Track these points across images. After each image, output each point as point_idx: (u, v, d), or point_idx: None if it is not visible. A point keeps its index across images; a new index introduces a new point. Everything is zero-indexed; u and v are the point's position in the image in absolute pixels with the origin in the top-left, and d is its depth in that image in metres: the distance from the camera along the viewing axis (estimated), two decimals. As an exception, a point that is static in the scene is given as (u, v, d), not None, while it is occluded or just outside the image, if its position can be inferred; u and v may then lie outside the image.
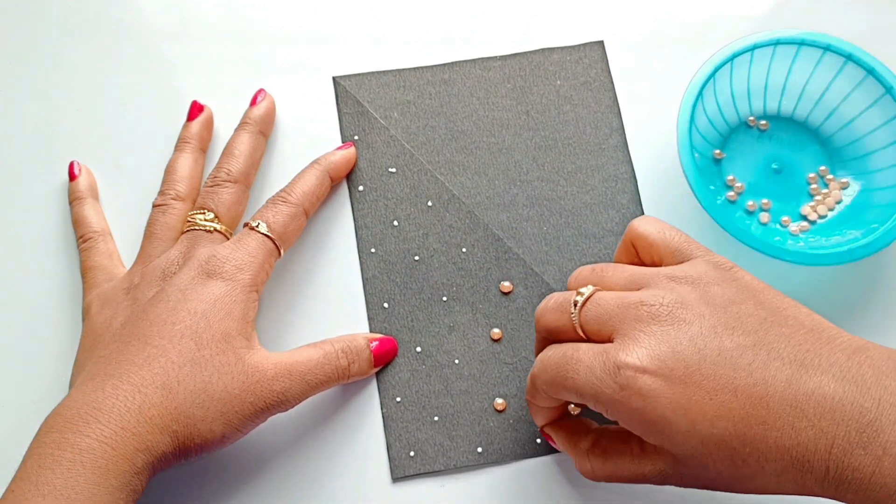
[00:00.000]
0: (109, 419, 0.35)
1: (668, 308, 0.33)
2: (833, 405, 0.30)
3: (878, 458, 0.29)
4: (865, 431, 0.30)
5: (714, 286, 0.34)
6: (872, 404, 0.30)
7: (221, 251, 0.40)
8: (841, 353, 0.32)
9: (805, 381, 0.31)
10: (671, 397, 0.32)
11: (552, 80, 0.50)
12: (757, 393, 0.31)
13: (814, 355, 0.32)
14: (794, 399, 0.31)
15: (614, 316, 0.34)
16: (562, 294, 0.37)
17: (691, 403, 0.31)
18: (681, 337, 0.32)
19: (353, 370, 0.42)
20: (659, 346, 0.32)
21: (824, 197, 0.47)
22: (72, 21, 0.51)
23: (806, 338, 0.32)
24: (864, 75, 0.45)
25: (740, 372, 0.31)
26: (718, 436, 0.31)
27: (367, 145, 0.48)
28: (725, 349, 0.32)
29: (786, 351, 0.32)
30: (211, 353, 0.38)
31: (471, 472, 0.43)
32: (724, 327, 0.33)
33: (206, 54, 0.50)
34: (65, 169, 0.47)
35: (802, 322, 0.33)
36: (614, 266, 0.37)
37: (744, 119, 0.48)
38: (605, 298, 0.35)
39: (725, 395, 0.31)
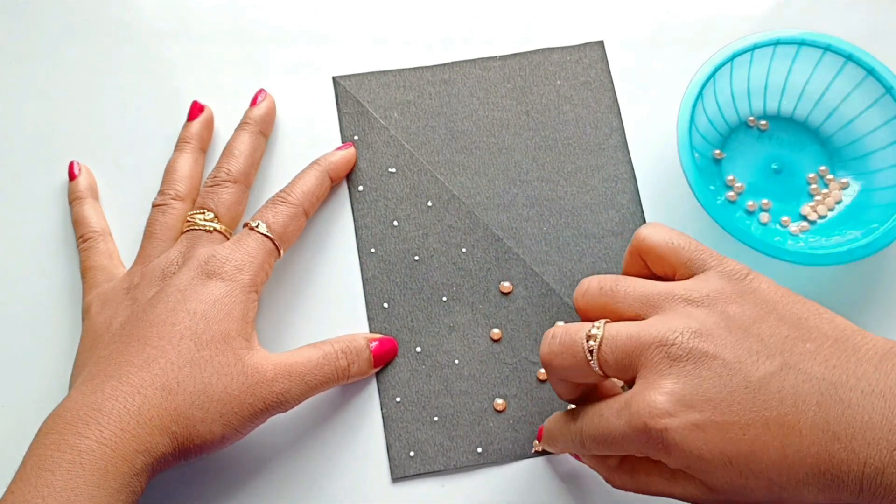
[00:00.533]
0: (109, 421, 0.35)
1: (688, 345, 0.32)
2: (863, 425, 0.30)
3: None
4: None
5: (732, 305, 0.33)
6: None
7: (221, 251, 0.40)
8: (868, 364, 0.31)
9: (835, 402, 0.30)
10: (705, 439, 0.31)
11: (552, 80, 0.50)
12: (789, 422, 0.30)
13: (841, 371, 0.31)
14: (825, 423, 0.30)
15: (634, 359, 0.33)
16: (566, 331, 0.35)
17: (725, 442, 0.31)
18: (705, 375, 0.31)
19: (353, 370, 0.42)
20: (683, 389, 0.31)
21: (824, 197, 0.47)
22: (72, 21, 0.51)
23: (832, 352, 0.31)
24: (864, 75, 0.45)
25: (770, 402, 0.31)
26: (756, 469, 0.31)
27: (367, 145, 0.48)
28: (752, 381, 0.31)
29: (813, 370, 0.31)
30: (210, 354, 0.38)
31: (471, 472, 0.43)
32: (749, 354, 0.32)
33: (206, 54, 0.50)
34: (65, 169, 0.47)
35: (826, 333, 0.32)
36: (624, 282, 0.36)
37: (744, 119, 0.48)
38: (620, 337, 0.33)
39: (758, 428, 0.31)
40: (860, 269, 0.46)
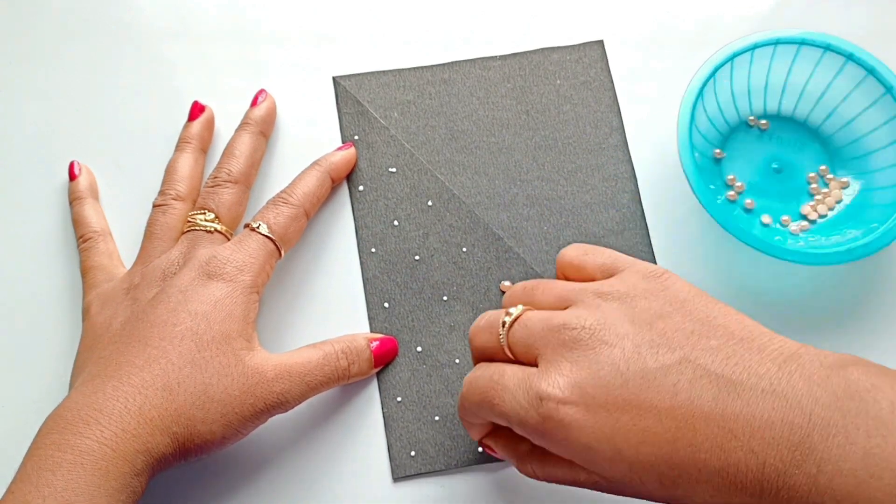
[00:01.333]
0: (110, 421, 0.35)
1: (590, 331, 0.32)
2: (762, 424, 0.29)
3: (812, 477, 0.28)
4: (798, 449, 0.29)
5: (641, 300, 0.33)
6: (803, 420, 0.29)
7: (222, 252, 0.40)
8: (771, 364, 0.30)
9: (733, 399, 0.30)
10: (594, 426, 0.31)
11: (552, 80, 0.50)
12: (682, 414, 0.30)
13: (742, 369, 0.30)
14: (721, 419, 0.30)
15: (539, 339, 0.33)
16: (493, 313, 0.36)
17: (615, 431, 0.31)
18: (602, 361, 0.32)
19: (354, 371, 0.42)
20: (580, 374, 0.32)
21: (824, 196, 0.47)
22: (72, 21, 0.51)
23: (735, 349, 0.31)
24: (865, 75, 0.45)
25: (664, 393, 0.30)
26: (645, 461, 0.31)
27: (367, 145, 0.48)
28: (649, 370, 0.31)
29: (713, 366, 0.31)
30: (211, 355, 0.38)
31: (472, 471, 0.43)
32: (649, 346, 0.32)
33: (206, 54, 0.50)
34: (65, 169, 0.47)
35: (733, 332, 0.32)
36: (546, 282, 0.37)
37: (744, 118, 0.48)
38: (532, 320, 0.34)
39: (650, 419, 0.30)
40: (860, 268, 0.46)
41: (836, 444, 0.28)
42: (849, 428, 0.28)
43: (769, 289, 0.46)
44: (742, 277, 0.46)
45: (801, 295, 0.46)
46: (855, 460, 0.28)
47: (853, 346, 0.44)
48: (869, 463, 0.28)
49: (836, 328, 0.45)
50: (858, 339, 0.45)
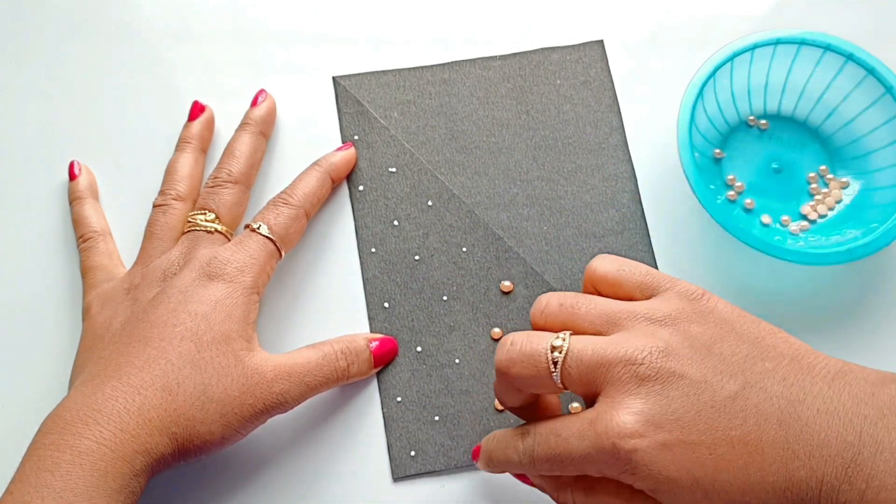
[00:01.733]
0: (109, 421, 0.35)
1: (656, 364, 0.32)
2: (820, 442, 0.30)
3: (861, 492, 0.30)
4: (850, 466, 0.30)
5: (693, 325, 0.33)
6: (855, 437, 0.30)
7: (223, 253, 0.40)
8: (822, 382, 0.32)
9: (794, 420, 0.31)
10: (672, 459, 0.31)
11: (552, 80, 0.50)
12: (752, 440, 0.31)
13: (798, 389, 0.31)
14: (785, 441, 0.31)
15: (599, 376, 0.32)
16: (527, 341, 0.34)
17: (693, 462, 0.31)
18: (672, 395, 0.31)
19: (353, 371, 0.42)
20: (651, 409, 0.31)
21: (824, 196, 0.47)
22: (72, 21, 0.51)
23: (789, 370, 0.32)
24: (865, 75, 0.45)
25: (735, 421, 0.31)
26: (721, 488, 0.31)
27: (367, 145, 0.48)
28: (718, 400, 0.31)
29: (773, 388, 0.32)
30: (211, 356, 0.38)
31: (471, 471, 0.42)
32: (714, 373, 0.32)
33: (206, 54, 0.50)
34: (65, 169, 0.47)
35: (783, 352, 0.33)
36: (586, 299, 0.35)
37: (744, 118, 0.48)
38: (585, 354, 0.33)
39: (724, 447, 0.31)
40: (860, 268, 0.46)
41: (882, 460, 0.30)
42: (894, 444, 0.30)
43: (769, 288, 0.46)
44: (742, 277, 0.46)
45: (800, 295, 0.46)
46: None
47: (853, 345, 0.44)
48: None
49: (835, 328, 0.45)
50: (858, 339, 0.45)
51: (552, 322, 0.35)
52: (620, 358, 0.32)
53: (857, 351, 0.44)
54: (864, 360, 0.34)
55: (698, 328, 0.33)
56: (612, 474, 0.32)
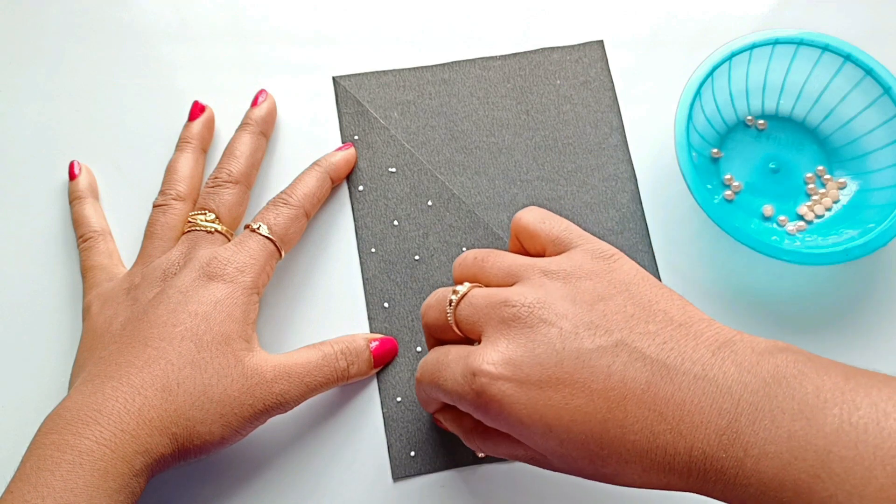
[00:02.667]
0: (109, 421, 0.35)
1: (529, 309, 0.33)
2: (692, 408, 0.30)
3: (739, 460, 0.29)
4: (725, 433, 0.29)
5: (585, 281, 0.34)
6: (732, 405, 0.30)
7: (223, 253, 0.40)
8: (706, 350, 0.31)
9: (665, 383, 0.31)
10: (526, 402, 0.31)
11: (552, 80, 0.50)
12: (614, 396, 0.31)
13: (677, 353, 0.31)
14: (652, 402, 0.30)
15: (483, 316, 0.34)
16: (443, 290, 0.37)
17: (547, 408, 0.31)
18: (539, 340, 0.32)
19: (353, 371, 0.42)
20: (515, 350, 0.32)
21: (821, 197, 0.47)
22: (72, 21, 0.51)
23: (672, 334, 0.32)
24: (863, 75, 0.45)
25: (598, 374, 0.31)
26: (576, 439, 0.31)
27: (367, 145, 0.48)
28: (584, 351, 0.32)
29: (649, 349, 0.31)
30: (211, 356, 0.38)
31: (471, 472, 0.43)
32: (587, 327, 0.32)
33: (206, 54, 0.50)
34: (65, 169, 0.47)
35: (672, 317, 0.33)
36: (496, 254, 0.37)
37: (742, 118, 0.48)
38: (476, 297, 0.35)
39: (582, 398, 0.31)
40: (857, 268, 0.46)
41: (762, 428, 0.29)
42: (775, 412, 0.29)
43: (767, 288, 0.46)
44: (740, 277, 0.46)
45: (798, 294, 0.46)
46: (780, 443, 0.28)
47: (849, 345, 0.45)
48: (793, 445, 0.28)
49: (832, 328, 0.45)
50: (855, 339, 0.45)
51: (464, 273, 0.37)
52: (501, 301, 0.34)
53: (853, 351, 0.44)
54: (861, 361, 0.34)
55: (588, 283, 0.34)
56: (470, 410, 0.33)
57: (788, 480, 0.28)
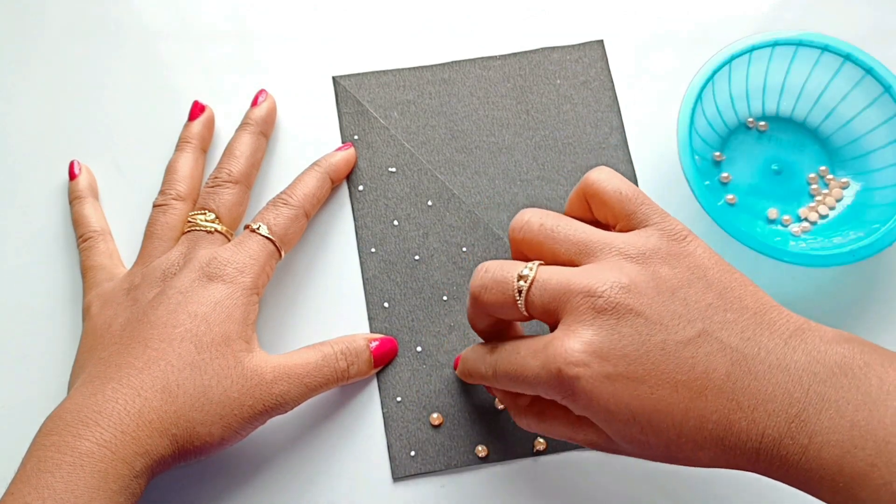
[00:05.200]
0: (109, 423, 0.35)
1: (614, 299, 0.32)
2: (766, 396, 0.31)
3: (804, 447, 0.30)
4: (794, 421, 0.31)
5: (665, 266, 0.33)
6: (802, 394, 0.31)
7: (222, 254, 0.40)
8: (779, 339, 0.32)
9: (744, 373, 0.31)
10: (613, 392, 0.32)
11: (552, 80, 0.50)
12: (697, 386, 0.31)
13: (754, 343, 0.32)
14: (731, 392, 0.31)
15: (562, 303, 0.33)
16: (500, 268, 0.35)
17: (632, 398, 0.32)
18: (625, 331, 0.32)
19: (353, 372, 0.42)
20: (602, 341, 0.32)
21: (825, 197, 0.47)
22: (72, 21, 0.51)
23: (748, 324, 0.33)
24: (863, 75, 0.45)
25: (682, 366, 0.32)
26: (657, 427, 0.32)
27: (367, 145, 0.48)
28: (669, 344, 0.32)
29: (729, 340, 0.32)
30: (210, 357, 0.38)
31: (471, 472, 0.43)
32: (672, 317, 0.32)
33: (206, 54, 0.50)
34: (65, 169, 0.47)
35: (747, 305, 0.33)
36: (566, 223, 0.35)
37: (743, 120, 0.48)
38: (551, 282, 0.33)
39: (666, 389, 0.32)
40: (862, 269, 0.46)
41: (827, 417, 0.30)
42: (840, 402, 0.30)
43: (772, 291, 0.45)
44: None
45: (804, 296, 0.46)
46: (842, 432, 0.30)
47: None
48: (854, 434, 0.30)
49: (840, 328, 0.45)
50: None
51: (529, 240, 0.36)
52: (582, 288, 0.33)
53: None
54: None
55: (668, 270, 0.33)
56: (556, 398, 0.33)
57: (847, 467, 0.30)
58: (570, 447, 0.43)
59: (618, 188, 0.36)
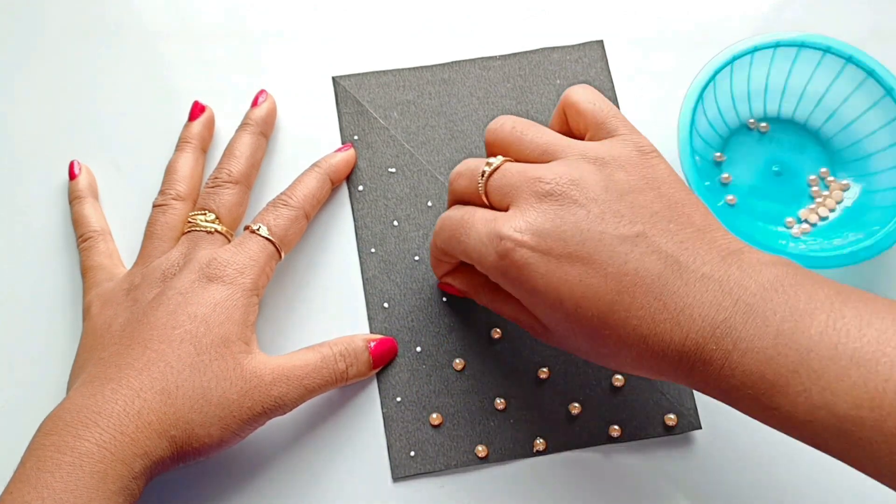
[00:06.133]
0: (108, 424, 0.35)
1: (562, 187, 0.34)
2: (693, 302, 0.32)
3: (727, 353, 0.31)
4: (719, 328, 0.31)
5: (620, 171, 0.35)
6: (730, 303, 0.32)
7: (222, 255, 0.40)
8: (716, 255, 0.33)
9: (675, 278, 0.32)
10: (545, 272, 0.33)
11: (552, 80, 0.50)
12: (627, 282, 0.33)
13: (690, 253, 0.33)
14: (660, 292, 0.32)
15: (514, 187, 0.35)
16: (474, 161, 0.38)
17: (561, 282, 0.33)
18: (566, 217, 0.34)
19: (352, 373, 0.42)
20: (542, 222, 0.34)
21: (825, 199, 0.47)
22: (72, 21, 0.51)
23: (690, 236, 0.34)
24: (865, 77, 0.45)
25: (616, 259, 0.33)
26: (582, 315, 0.33)
27: (367, 145, 0.48)
28: (607, 235, 0.33)
29: (666, 246, 0.33)
30: (210, 358, 0.38)
31: (471, 472, 0.43)
32: (614, 215, 0.34)
33: (206, 54, 0.50)
34: (65, 169, 0.47)
35: (693, 221, 0.34)
36: (536, 128, 0.38)
37: (744, 121, 0.48)
38: (510, 170, 0.36)
39: (596, 278, 0.33)
40: (862, 271, 0.46)
41: (753, 326, 0.31)
42: (767, 313, 0.31)
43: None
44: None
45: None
46: (766, 339, 0.31)
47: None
48: (778, 342, 0.31)
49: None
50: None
51: (500, 140, 0.38)
52: (535, 176, 0.35)
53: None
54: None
55: (623, 175, 0.35)
56: (489, 271, 0.36)
57: (769, 373, 0.30)
58: (570, 447, 0.43)
59: (592, 99, 0.38)
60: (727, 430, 0.43)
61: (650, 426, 0.43)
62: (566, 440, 0.43)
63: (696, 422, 0.43)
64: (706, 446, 0.43)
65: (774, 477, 0.42)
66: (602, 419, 0.43)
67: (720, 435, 0.43)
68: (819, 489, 0.42)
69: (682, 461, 0.43)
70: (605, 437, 0.43)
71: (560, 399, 0.43)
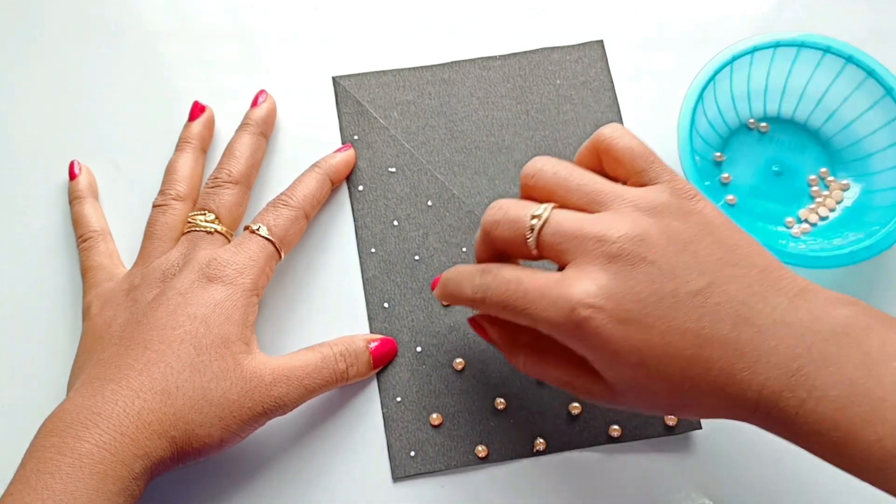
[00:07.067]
0: (108, 424, 0.35)
1: (628, 247, 0.33)
2: (769, 349, 0.32)
3: (801, 401, 0.31)
4: (794, 375, 0.31)
5: (676, 221, 0.34)
6: (804, 350, 0.31)
7: (222, 255, 0.40)
8: (784, 296, 0.33)
9: (748, 326, 0.32)
10: (625, 336, 0.32)
11: (552, 80, 0.50)
12: (704, 335, 0.32)
13: (760, 298, 0.33)
14: (736, 343, 0.32)
15: (573, 247, 0.34)
16: (514, 206, 0.36)
17: (642, 342, 0.32)
18: (639, 277, 0.33)
19: (352, 373, 0.42)
20: (616, 286, 0.33)
21: (825, 199, 0.47)
22: (72, 21, 0.51)
23: (756, 279, 0.33)
24: (865, 77, 0.45)
25: (692, 315, 0.32)
26: (663, 372, 0.33)
27: (367, 145, 0.48)
28: (680, 293, 0.33)
29: (736, 293, 0.33)
30: (210, 359, 0.38)
31: (471, 472, 0.43)
32: (683, 268, 0.33)
33: (206, 54, 0.50)
34: (65, 169, 0.47)
35: (755, 262, 0.34)
36: (579, 173, 0.36)
37: (744, 121, 0.48)
38: (564, 225, 0.34)
39: (675, 336, 0.32)
40: (861, 271, 0.46)
41: (827, 374, 0.31)
42: (840, 360, 0.31)
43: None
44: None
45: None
46: (840, 388, 0.31)
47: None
48: (852, 391, 0.30)
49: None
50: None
51: (540, 186, 0.36)
52: (596, 234, 0.33)
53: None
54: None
55: (679, 225, 0.34)
56: (560, 336, 0.34)
57: (842, 423, 0.30)
58: (570, 447, 0.43)
59: (629, 145, 0.36)
60: (727, 430, 0.43)
61: (650, 426, 0.43)
62: (566, 440, 0.43)
63: (696, 422, 0.43)
64: (706, 446, 0.43)
65: (774, 477, 0.42)
66: (602, 419, 0.43)
67: (720, 435, 0.43)
68: (819, 489, 0.42)
69: (682, 461, 0.43)
70: (606, 437, 0.43)
71: (560, 399, 0.43)
